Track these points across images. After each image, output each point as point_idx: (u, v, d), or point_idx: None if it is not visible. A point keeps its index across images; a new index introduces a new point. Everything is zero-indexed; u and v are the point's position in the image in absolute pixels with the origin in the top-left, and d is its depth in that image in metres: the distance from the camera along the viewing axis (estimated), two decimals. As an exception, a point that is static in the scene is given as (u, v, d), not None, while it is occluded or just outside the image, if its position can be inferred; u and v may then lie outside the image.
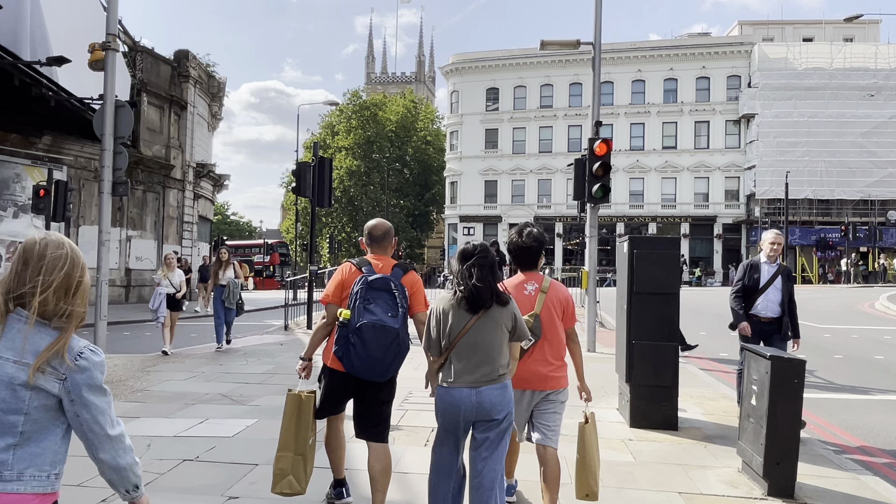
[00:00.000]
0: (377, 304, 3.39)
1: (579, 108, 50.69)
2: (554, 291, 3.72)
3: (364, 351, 3.32)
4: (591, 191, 9.70)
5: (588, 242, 10.07)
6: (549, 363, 3.63)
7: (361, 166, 58.17)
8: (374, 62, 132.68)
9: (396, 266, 3.69)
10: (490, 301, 3.13)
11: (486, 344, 3.13)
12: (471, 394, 3.10)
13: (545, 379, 3.62)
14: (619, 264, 6.11)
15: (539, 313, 3.60)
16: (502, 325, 3.17)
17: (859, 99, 44.79)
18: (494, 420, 3.14)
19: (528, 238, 3.76)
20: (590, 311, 10.03)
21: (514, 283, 3.73)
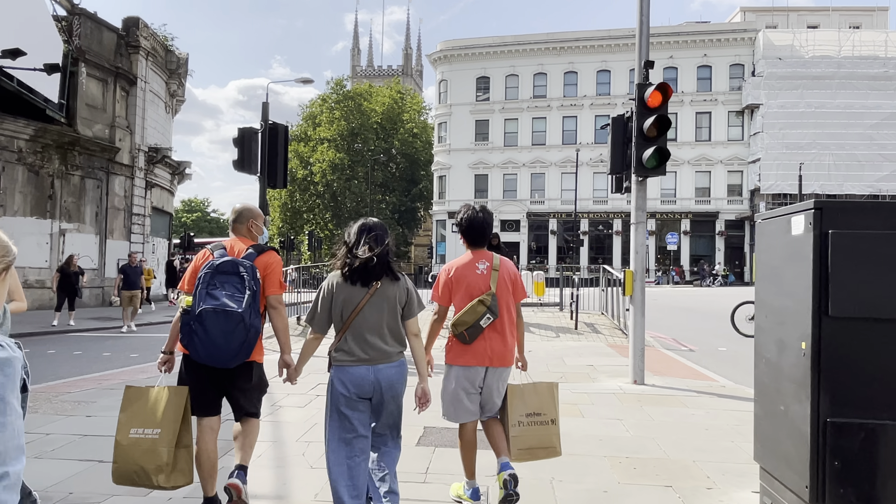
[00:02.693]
0: (222, 289, 3.32)
1: (574, 99, 48.37)
2: (504, 268, 3.70)
3: (206, 337, 3.27)
4: (639, 158, 6.88)
5: (634, 233, 7.26)
6: (506, 340, 3.67)
7: (345, 159, 55.24)
8: (360, 55, 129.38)
9: (252, 247, 3.57)
10: (382, 275, 3.12)
11: (381, 320, 3.12)
12: (369, 371, 3.09)
13: (503, 356, 3.65)
14: (769, 260, 3.24)
15: (495, 291, 3.58)
16: (396, 301, 3.16)
17: (869, 89, 42.84)
18: (392, 398, 3.15)
19: (480, 215, 3.73)
20: (636, 329, 7.22)
21: (465, 262, 3.69)
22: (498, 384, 3.71)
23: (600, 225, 48.19)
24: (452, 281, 3.67)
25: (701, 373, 8.08)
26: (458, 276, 3.67)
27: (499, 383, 3.71)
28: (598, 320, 12.51)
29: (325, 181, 55.32)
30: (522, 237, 48.92)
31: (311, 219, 59.93)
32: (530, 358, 9.32)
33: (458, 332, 3.59)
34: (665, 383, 7.27)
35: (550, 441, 3.67)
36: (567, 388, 7.03)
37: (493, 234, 12.82)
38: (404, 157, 61.64)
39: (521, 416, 3.65)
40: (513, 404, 3.66)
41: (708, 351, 10.38)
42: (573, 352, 9.67)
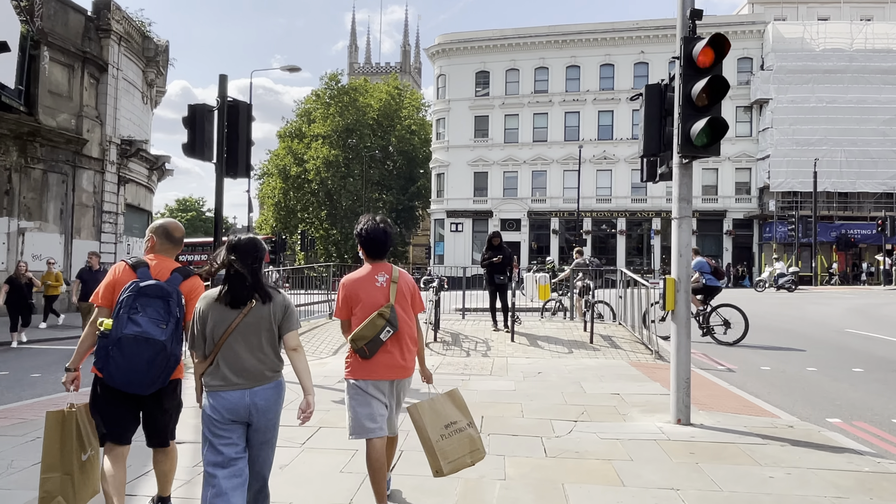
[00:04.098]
0: (145, 314, 3.23)
1: (577, 94, 46.93)
2: (403, 280, 3.71)
3: (125, 364, 3.19)
4: (686, 134, 5.31)
5: (677, 230, 5.68)
6: (406, 352, 3.66)
7: (340, 156, 53.67)
8: (358, 52, 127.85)
9: (176, 271, 3.48)
10: (255, 295, 3.05)
11: (256, 342, 3.07)
12: (244, 395, 3.02)
13: (403, 368, 3.65)
14: None
15: (394, 304, 3.57)
16: (271, 320, 3.10)
17: (882, 83, 41.45)
18: (269, 419, 3.10)
19: (381, 227, 3.72)
20: (679, 353, 5.63)
21: (363, 274, 3.69)
22: (399, 397, 3.75)
23: (603, 224, 46.76)
24: (350, 295, 3.65)
25: (753, 404, 6.50)
26: (357, 289, 3.65)
27: (400, 396, 3.75)
28: (615, 332, 10.93)
29: (320, 179, 53.76)
30: (523, 237, 47.47)
31: (305, 218, 58.40)
32: (541, 382, 7.84)
33: (357, 346, 3.55)
34: (716, 422, 5.70)
35: (474, 444, 3.67)
36: (593, 430, 5.45)
37: (495, 233, 11.35)
38: (402, 155, 60.11)
39: (442, 430, 3.62)
40: (429, 420, 3.61)
41: (749, 370, 8.81)
42: (592, 374, 8.09)
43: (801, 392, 7.34)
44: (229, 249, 3.10)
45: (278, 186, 56.65)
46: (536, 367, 8.50)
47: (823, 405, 6.70)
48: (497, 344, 10.08)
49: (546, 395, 6.79)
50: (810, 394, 7.23)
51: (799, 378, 8.15)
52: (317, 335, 10.82)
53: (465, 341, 10.28)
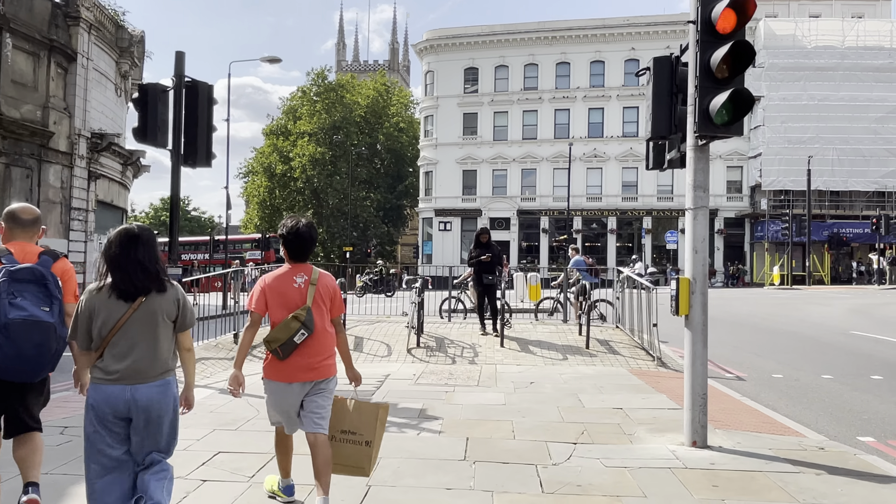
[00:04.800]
0: (25, 298, 3.19)
1: (567, 91, 46.34)
2: (323, 282, 3.70)
3: (13, 350, 3.13)
4: (704, 110, 4.56)
5: (692, 223, 4.94)
6: (320, 354, 3.63)
7: (326, 154, 52.72)
8: (346, 50, 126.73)
9: (44, 253, 3.48)
10: (148, 288, 2.95)
11: (144, 337, 2.97)
12: (124, 391, 2.91)
13: (316, 369, 3.61)
14: None
15: (311, 306, 3.57)
16: (163, 314, 3.00)
17: (874, 81, 41.14)
18: (155, 419, 2.97)
19: (305, 228, 3.71)
20: (695, 366, 4.88)
21: (282, 273, 3.68)
22: (318, 398, 3.67)
23: (594, 223, 46.21)
24: (268, 291, 3.63)
25: (774, 419, 5.78)
26: (275, 287, 3.63)
27: (318, 397, 3.67)
28: (612, 335, 10.18)
29: (306, 177, 52.77)
30: (513, 236, 46.81)
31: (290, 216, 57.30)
32: (533, 394, 6.78)
33: (271, 348, 3.56)
34: (736, 443, 4.96)
35: (360, 462, 3.69)
36: (596, 455, 4.69)
37: (483, 230, 10.67)
38: (390, 153, 59.24)
39: (336, 432, 3.69)
40: (332, 419, 3.68)
41: (760, 378, 8.10)
42: (590, 384, 7.33)
43: (821, 404, 6.63)
44: (121, 240, 2.94)
45: (263, 185, 55.63)
46: (528, 376, 7.74)
47: (850, 420, 5.98)
48: (485, 349, 9.31)
49: (540, 411, 6.02)
50: (832, 406, 6.52)
51: (816, 387, 7.44)
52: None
53: (450, 346, 9.50)
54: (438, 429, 5.39)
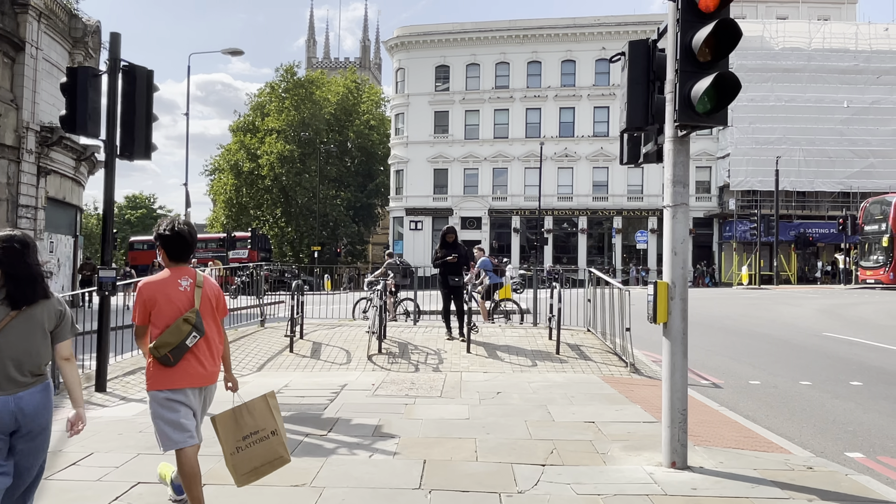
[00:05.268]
0: None
1: (538, 90, 46.23)
2: (208, 285, 3.64)
3: None
4: (685, 97, 4.13)
5: (671, 222, 4.51)
6: (211, 359, 3.56)
7: (295, 152, 51.73)
8: (316, 47, 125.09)
9: None
10: (36, 296, 2.89)
11: (24, 345, 2.86)
12: (8, 401, 2.79)
13: (208, 375, 3.55)
14: None
15: (199, 309, 3.48)
16: (44, 322, 2.92)
17: (839, 83, 41.75)
18: (38, 428, 2.89)
19: (186, 228, 3.62)
20: (674, 379, 4.44)
21: (164, 278, 3.54)
22: (205, 404, 3.64)
23: (565, 223, 46.13)
24: (150, 300, 3.46)
25: (756, 434, 5.38)
26: (158, 293, 3.48)
27: (206, 403, 3.65)
28: (584, 340, 9.77)
29: (274, 175, 51.72)
30: (484, 235, 46.48)
31: (259, 215, 56.26)
32: (500, 406, 6.13)
33: (161, 354, 3.38)
34: (718, 462, 4.54)
35: (276, 453, 3.59)
36: (566, 480, 4.21)
37: (450, 228, 10.11)
38: (360, 151, 58.45)
39: (239, 442, 3.53)
40: (225, 433, 3.50)
41: (737, 385, 7.75)
42: (560, 393, 6.88)
43: (803, 414, 6.27)
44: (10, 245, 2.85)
45: (230, 182, 54.38)
46: (495, 385, 7.26)
47: (835, 432, 5.63)
48: (451, 355, 8.81)
49: (506, 426, 5.54)
50: (814, 417, 6.17)
51: (795, 395, 7.11)
52: (242, 346, 9.36)
53: (414, 352, 8.97)
54: (394, 449, 4.87)
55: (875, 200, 33.33)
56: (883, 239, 30.52)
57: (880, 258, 30.87)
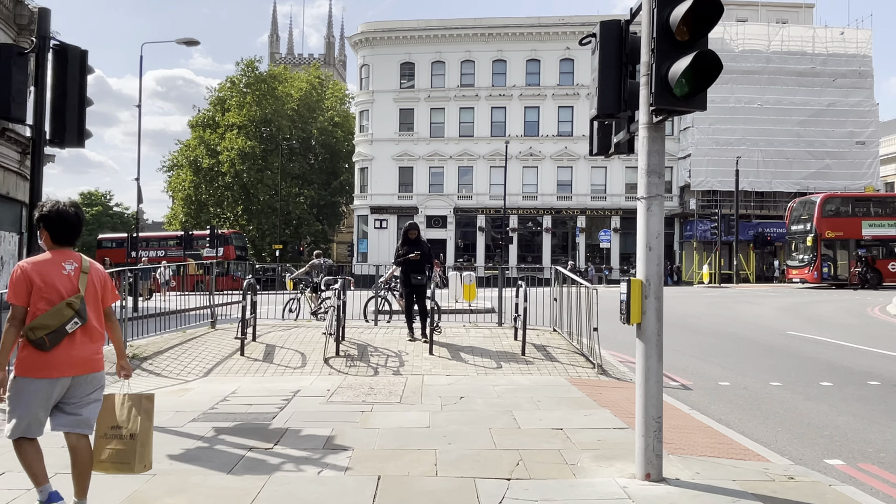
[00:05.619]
0: None
1: (503, 89, 46.14)
2: (94, 270, 3.54)
3: None
4: (662, 79, 3.81)
5: (644, 213, 4.17)
6: (93, 345, 3.46)
7: (257, 148, 50.57)
8: (279, 42, 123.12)
9: None
10: None
11: None
12: None
13: (89, 362, 3.43)
14: None
15: (84, 295, 3.38)
16: None
17: (797, 85, 42.74)
18: None
19: (72, 210, 3.48)
20: (648, 385, 4.11)
21: (47, 260, 3.39)
22: (88, 393, 3.45)
23: (529, 222, 46.12)
24: (32, 279, 3.29)
25: (731, 440, 5.11)
26: (40, 274, 3.31)
27: (89, 392, 3.45)
28: (550, 340, 9.47)
29: (234, 171, 50.48)
30: (449, 234, 46.22)
31: (219, 213, 54.90)
32: (463, 413, 5.68)
33: (36, 336, 3.24)
34: (694, 473, 4.24)
35: (125, 457, 3.46)
36: (534, 497, 3.84)
37: (412, 225, 9.71)
38: (324, 148, 57.56)
39: (107, 429, 3.51)
40: (102, 415, 3.51)
41: (707, 386, 7.52)
42: (526, 397, 6.53)
43: (776, 418, 6.05)
44: None
45: (189, 179, 52.91)
46: (458, 390, 6.88)
47: (811, 437, 5.40)
48: (412, 358, 8.40)
49: (470, 435, 5.16)
50: (788, 420, 5.95)
51: (767, 397, 6.91)
52: (189, 349, 8.78)
53: (374, 355, 8.54)
54: (346, 464, 4.44)
55: (801, 200, 33.95)
56: (807, 238, 31.08)
57: (805, 257, 31.40)
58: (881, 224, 31.07)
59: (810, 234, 30.84)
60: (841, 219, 30.99)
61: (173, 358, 8.36)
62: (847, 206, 31.95)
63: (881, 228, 30.90)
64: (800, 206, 33.45)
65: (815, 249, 30.43)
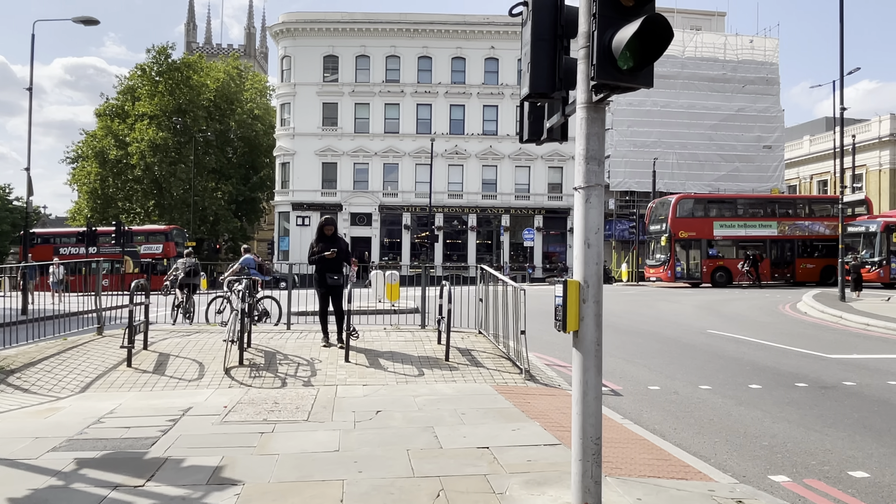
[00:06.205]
0: None
1: (429, 86, 45.70)
2: None
3: None
4: (604, 51, 3.29)
5: (582, 205, 3.66)
6: None
7: (169, 140, 47.82)
8: (197, 31, 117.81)
9: None
10: None
11: None
12: None
13: None
14: None
15: None
16: None
17: (709, 90, 44.52)
18: None
19: None
20: (586, 403, 3.61)
21: None
22: None
23: (455, 220, 45.86)
24: None
25: (671, 456, 4.70)
26: None
27: None
28: (475, 343, 8.94)
29: (145, 164, 47.55)
30: (374, 232, 45.36)
31: (128, 208, 51.66)
32: (379, 431, 5.37)
33: None
34: (636, 501, 3.77)
35: None
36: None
37: (328, 219, 8.95)
38: (243, 142, 55.22)
39: None
40: None
41: (637, 391, 7.19)
42: (449, 409, 5.95)
43: (712, 427, 5.73)
44: None
45: (94, 171, 49.44)
46: (375, 402, 6.22)
47: (751, 449, 5.08)
48: (326, 366, 7.66)
49: (384, 459, 4.51)
50: (724, 429, 5.64)
51: (698, 402, 6.62)
52: (68, 360, 7.67)
53: (283, 363, 7.73)
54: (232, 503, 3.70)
55: (660, 201, 34.68)
56: (662, 238, 31.93)
57: (661, 256, 32.20)
58: (731, 224, 31.98)
59: (665, 233, 31.62)
60: (694, 219, 31.54)
61: (47, 370, 7.26)
62: (700, 207, 32.55)
63: (731, 229, 31.80)
64: (658, 207, 34.04)
65: (669, 249, 31.14)
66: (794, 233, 32.23)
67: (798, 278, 31.66)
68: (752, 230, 32.01)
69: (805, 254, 32.17)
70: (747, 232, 31.96)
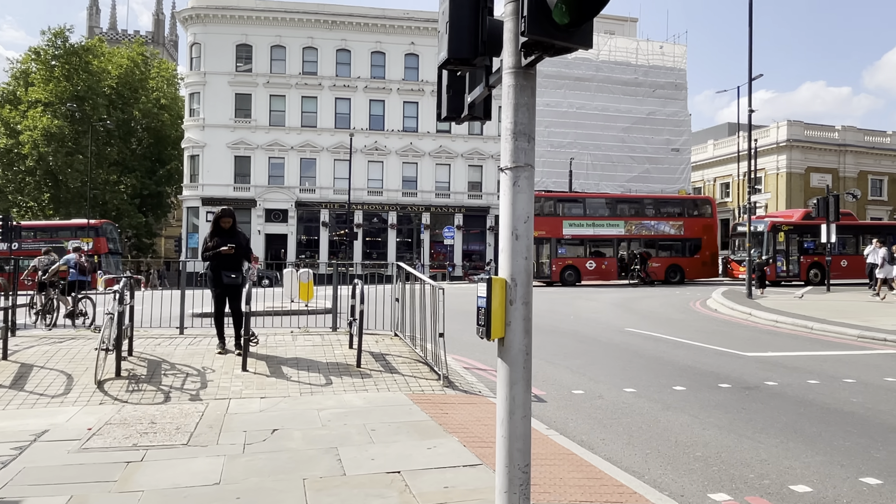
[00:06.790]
0: None
1: (348, 79, 44.65)
2: None
3: None
4: (536, 6, 2.73)
5: (509, 189, 3.11)
6: None
7: (66, 128, 44.36)
8: (100, 16, 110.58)
9: None
10: None
11: None
12: None
13: None
14: None
15: None
16: None
17: (622, 94, 45.77)
18: None
19: None
20: (513, 424, 3.06)
21: None
22: None
23: (375, 217, 45.02)
24: None
25: (603, 474, 4.23)
26: None
27: None
28: (390, 347, 8.28)
29: (38, 154, 43.87)
30: (291, 229, 43.83)
31: (20, 201, 47.63)
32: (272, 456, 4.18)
33: None
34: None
35: None
36: None
37: (225, 211, 8.04)
38: (149, 132, 52.04)
39: None
40: None
41: (560, 396, 6.76)
42: (357, 424, 5.27)
43: (642, 435, 5.34)
44: None
45: None
46: (273, 418, 5.46)
47: (685, 461, 4.70)
48: (220, 376, 6.79)
49: (274, 493, 3.79)
50: (655, 438, 5.26)
51: (625, 408, 6.26)
52: None
53: (168, 373, 6.80)
54: (68, 565, 2.90)
55: None
56: None
57: None
58: (580, 224, 32.42)
59: None
60: (546, 218, 31.46)
61: None
62: (550, 205, 32.67)
63: (580, 228, 32.26)
64: None
65: None
66: (641, 232, 32.88)
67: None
68: (600, 229, 32.41)
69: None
70: (595, 231, 32.34)
